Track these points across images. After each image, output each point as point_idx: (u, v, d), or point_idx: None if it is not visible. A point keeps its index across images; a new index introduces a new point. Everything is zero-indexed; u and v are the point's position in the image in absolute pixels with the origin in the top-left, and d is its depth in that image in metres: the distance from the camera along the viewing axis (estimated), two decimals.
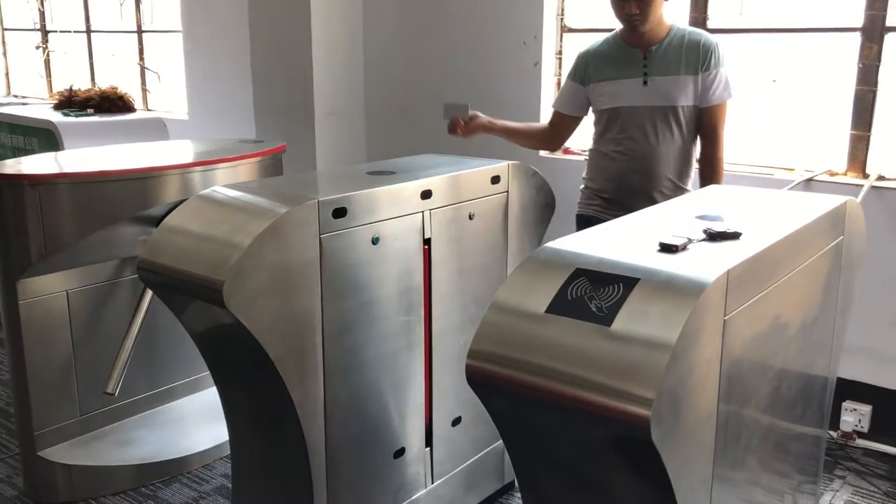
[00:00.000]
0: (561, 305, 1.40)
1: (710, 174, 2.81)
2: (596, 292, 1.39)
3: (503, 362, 1.40)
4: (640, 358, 1.28)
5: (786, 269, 1.73)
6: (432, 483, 2.52)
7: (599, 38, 2.92)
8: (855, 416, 3.19)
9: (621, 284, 1.39)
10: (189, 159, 3.01)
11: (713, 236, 1.62)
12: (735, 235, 1.63)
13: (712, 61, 2.71)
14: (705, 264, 1.44)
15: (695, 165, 2.86)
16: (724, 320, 1.45)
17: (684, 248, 1.54)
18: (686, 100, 2.74)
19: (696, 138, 2.83)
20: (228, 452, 3.07)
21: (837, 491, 2.92)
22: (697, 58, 2.71)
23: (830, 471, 3.02)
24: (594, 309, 1.37)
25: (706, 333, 1.39)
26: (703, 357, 1.40)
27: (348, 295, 2.13)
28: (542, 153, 3.79)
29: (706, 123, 2.78)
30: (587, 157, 3.00)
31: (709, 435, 1.48)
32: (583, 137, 3.81)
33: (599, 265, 1.45)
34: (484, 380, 1.43)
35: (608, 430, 1.32)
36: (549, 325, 1.39)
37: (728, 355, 1.48)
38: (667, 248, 1.52)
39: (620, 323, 1.33)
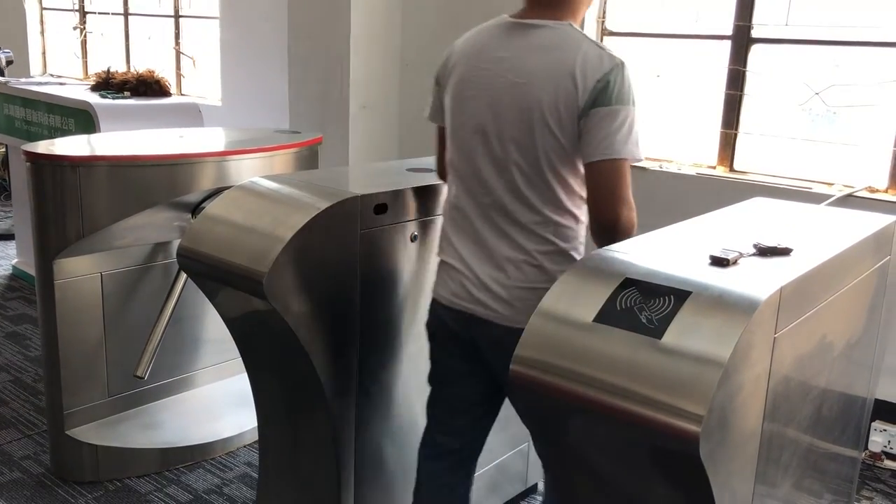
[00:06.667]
0: (610, 315, 1.38)
1: None
2: (646, 304, 1.37)
3: (549, 370, 1.38)
4: (691, 373, 1.26)
5: (834, 288, 1.70)
6: None
7: None
8: (884, 436, 3.14)
9: (672, 297, 1.37)
10: (226, 147, 3.01)
11: (764, 251, 1.59)
12: (786, 251, 1.61)
13: None
14: (758, 280, 1.42)
15: None
16: (774, 338, 1.42)
17: (735, 262, 1.52)
18: None
19: None
20: (252, 440, 3.08)
21: None
22: None
23: (858, 491, 2.97)
24: (644, 321, 1.35)
25: (757, 351, 1.37)
26: (753, 374, 1.38)
27: (385, 291, 2.12)
28: None
29: None
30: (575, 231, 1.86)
31: (752, 452, 1.46)
32: None
33: (650, 276, 1.43)
34: (528, 387, 1.42)
35: (654, 444, 1.31)
36: (597, 334, 1.37)
37: (775, 373, 1.46)
38: (718, 262, 1.50)
39: (671, 336, 1.31)
